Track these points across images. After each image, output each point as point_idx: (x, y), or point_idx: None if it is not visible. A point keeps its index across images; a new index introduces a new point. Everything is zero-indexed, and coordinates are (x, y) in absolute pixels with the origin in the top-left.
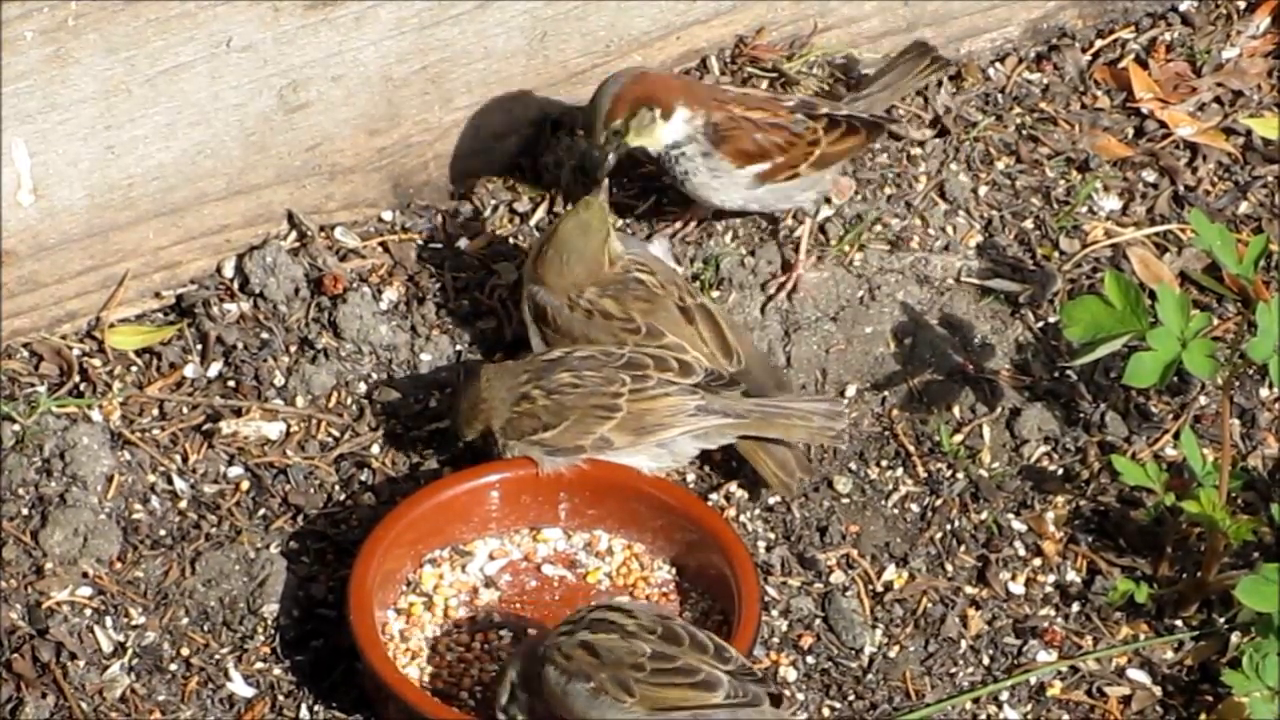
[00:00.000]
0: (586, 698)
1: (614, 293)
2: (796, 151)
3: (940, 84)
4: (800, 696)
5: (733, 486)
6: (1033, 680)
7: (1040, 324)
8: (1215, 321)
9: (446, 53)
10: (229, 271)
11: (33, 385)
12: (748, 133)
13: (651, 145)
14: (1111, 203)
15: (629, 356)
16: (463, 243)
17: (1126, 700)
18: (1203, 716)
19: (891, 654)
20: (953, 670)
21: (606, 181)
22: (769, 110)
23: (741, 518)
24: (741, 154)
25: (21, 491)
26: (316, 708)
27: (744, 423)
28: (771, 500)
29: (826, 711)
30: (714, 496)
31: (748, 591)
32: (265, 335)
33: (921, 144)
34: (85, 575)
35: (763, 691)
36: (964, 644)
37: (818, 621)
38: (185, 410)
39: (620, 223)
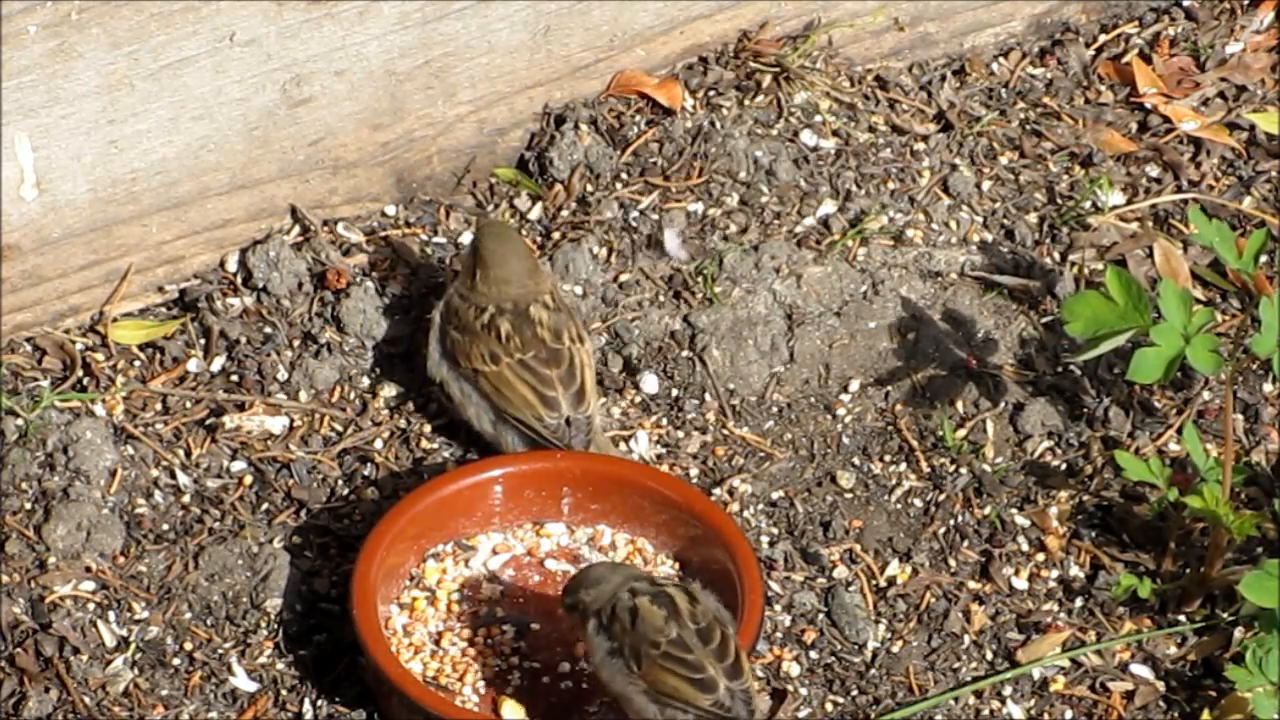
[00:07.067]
0: (604, 654)
1: (512, 316)
2: None
3: (944, 78)
4: (803, 691)
5: (736, 481)
6: (1036, 675)
7: (1044, 319)
8: (1219, 317)
9: (449, 47)
10: (232, 266)
11: (36, 380)
12: None
13: None
14: (1115, 198)
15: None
16: (465, 237)
17: (1129, 695)
18: (1206, 712)
19: (894, 649)
20: (955, 665)
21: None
22: None
23: (744, 513)
24: None
25: (24, 486)
26: (319, 702)
27: None
28: (774, 495)
29: (829, 706)
30: (717, 491)
31: (751, 586)
32: (268, 330)
33: (925, 139)
34: (88, 570)
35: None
36: (967, 639)
37: (821, 616)
38: (188, 405)
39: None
